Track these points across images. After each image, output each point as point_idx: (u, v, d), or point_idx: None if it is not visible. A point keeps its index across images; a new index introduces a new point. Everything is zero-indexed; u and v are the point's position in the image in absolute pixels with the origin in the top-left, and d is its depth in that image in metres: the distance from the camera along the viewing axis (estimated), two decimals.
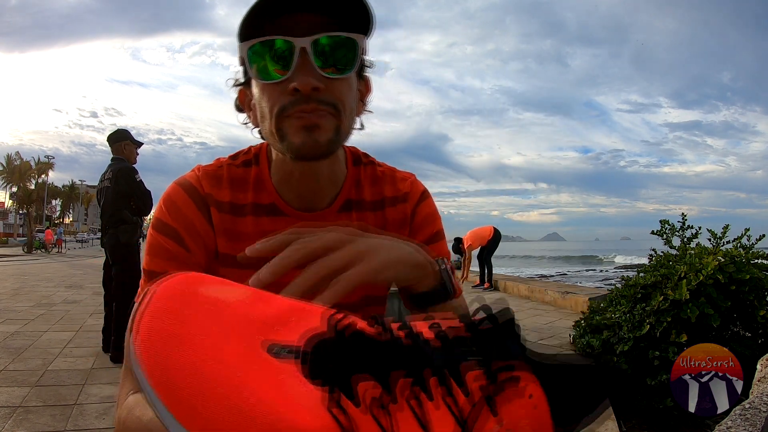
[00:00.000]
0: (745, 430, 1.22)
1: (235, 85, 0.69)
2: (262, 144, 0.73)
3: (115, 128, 3.97)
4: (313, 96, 0.58)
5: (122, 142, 3.76)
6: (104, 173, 3.72)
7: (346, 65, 0.61)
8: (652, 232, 3.04)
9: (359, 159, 0.77)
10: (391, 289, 0.85)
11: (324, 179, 0.69)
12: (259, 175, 0.71)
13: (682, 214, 3.06)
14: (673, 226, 3.02)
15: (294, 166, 0.66)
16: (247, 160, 0.72)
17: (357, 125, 0.69)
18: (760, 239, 2.75)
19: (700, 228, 3.00)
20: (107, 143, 3.79)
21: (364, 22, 0.61)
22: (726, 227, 2.89)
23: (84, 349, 3.57)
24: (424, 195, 0.79)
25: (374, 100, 0.72)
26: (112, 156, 3.76)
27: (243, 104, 0.69)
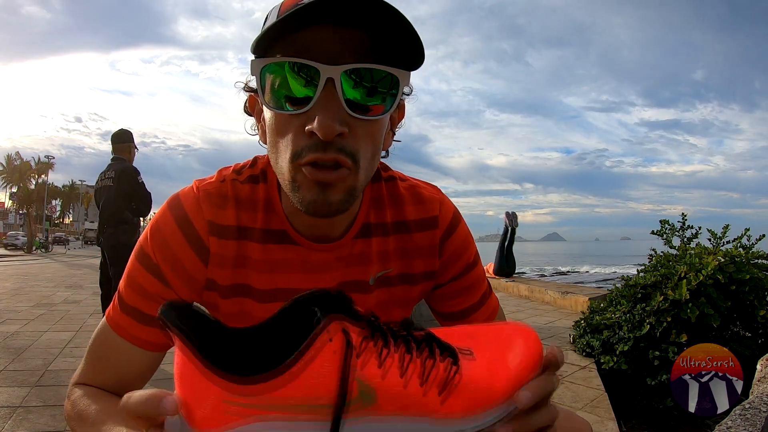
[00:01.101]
0: (745, 430, 1.22)
1: (246, 90, 0.61)
2: (267, 158, 0.64)
3: (99, 131, 4.01)
4: (334, 143, 0.49)
5: (127, 143, 3.76)
6: (104, 172, 3.70)
7: (383, 106, 0.51)
8: (653, 232, 3.04)
9: (378, 175, 0.67)
10: None
11: None
12: (268, 196, 0.63)
13: (682, 214, 3.06)
14: (673, 226, 3.02)
15: None
16: (253, 175, 0.64)
17: (382, 154, 0.62)
18: (760, 239, 2.75)
19: (700, 228, 3.00)
20: (111, 142, 3.78)
21: (409, 51, 0.49)
22: (726, 227, 2.89)
23: (84, 350, 3.56)
24: (456, 218, 0.69)
25: None
26: (113, 156, 3.75)
27: (252, 110, 0.62)
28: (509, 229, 7.93)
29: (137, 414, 0.35)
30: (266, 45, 0.50)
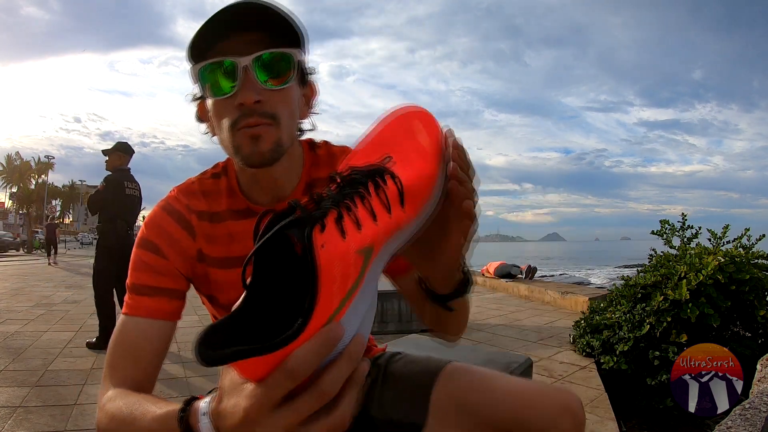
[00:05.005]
0: (745, 430, 1.22)
1: (194, 100, 0.76)
2: (228, 159, 0.82)
3: (98, 131, 4.26)
4: (256, 109, 0.66)
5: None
6: (130, 181, 3.88)
7: (285, 77, 0.69)
8: (653, 232, 3.04)
9: (314, 144, 0.86)
10: (391, 288, 0.87)
11: (280, 175, 0.76)
12: (229, 185, 0.80)
13: (682, 214, 3.06)
14: (673, 226, 3.02)
15: (252, 170, 0.73)
16: (215, 173, 0.82)
17: (308, 126, 0.78)
18: (760, 239, 2.75)
19: (700, 228, 3.00)
20: (125, 152, 3.93)
21: (294, 36, 0.68)
22: (726, 227, 2.89)
23: (84, 349, 3.57)
24: None
25: (350, 105, 0.80)
26: (126, 166, 3.92)
27: (202, 116, 0.77)
28: (520, 275, 7.81)
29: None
30: (199, 54, 0.67)
